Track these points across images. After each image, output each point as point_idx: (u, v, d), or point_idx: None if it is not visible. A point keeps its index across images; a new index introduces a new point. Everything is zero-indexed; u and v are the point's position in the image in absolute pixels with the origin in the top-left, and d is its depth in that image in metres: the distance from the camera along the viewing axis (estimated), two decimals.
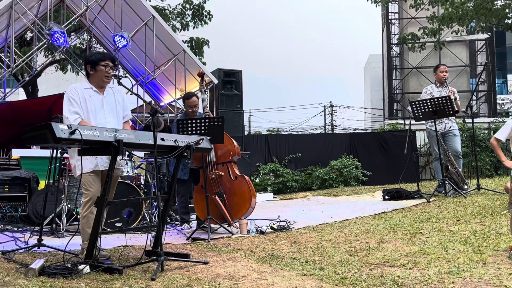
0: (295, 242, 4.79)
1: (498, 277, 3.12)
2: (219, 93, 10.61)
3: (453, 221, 5.16)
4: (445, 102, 6.96)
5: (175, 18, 16.70)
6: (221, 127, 5.62)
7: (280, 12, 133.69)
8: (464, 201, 6.38)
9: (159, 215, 4.04)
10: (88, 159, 4.09)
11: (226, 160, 5.95)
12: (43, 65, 15.03)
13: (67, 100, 4.16)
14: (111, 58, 4.39)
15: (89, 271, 3.60)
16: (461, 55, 23.91)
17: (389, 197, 7.70)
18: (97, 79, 4.30)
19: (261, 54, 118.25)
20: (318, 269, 3.61)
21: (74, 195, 6.13)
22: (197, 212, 5.94)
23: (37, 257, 4.19)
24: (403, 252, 3.98)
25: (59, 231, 5.84)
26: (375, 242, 4.48)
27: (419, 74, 23.34)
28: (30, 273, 3.49)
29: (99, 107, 4.27)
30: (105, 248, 4.57)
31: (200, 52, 16.09)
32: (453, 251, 3.88)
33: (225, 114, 9.52)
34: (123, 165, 6.17)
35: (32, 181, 7.00)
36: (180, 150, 4.07)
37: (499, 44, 28.04)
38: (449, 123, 7.52)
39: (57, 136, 3.34)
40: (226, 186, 5.87)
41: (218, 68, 10.88)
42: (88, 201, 4.10)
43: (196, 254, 4.44)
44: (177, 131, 5.57)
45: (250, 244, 4.85)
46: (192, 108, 6.29)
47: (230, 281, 3.35)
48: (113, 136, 3.66)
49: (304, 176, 13.99)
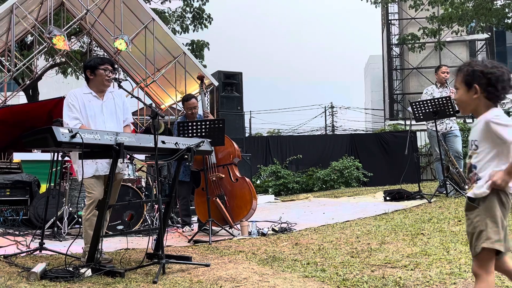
0: (296, 244, 4.79)
1: (500, 277, 3.12)
2: (220, 95, 10.61)
3: (454, 222, 5.16)
4: (445, 103, 6.96)
5: (175, 21, 16.73)
6: (221, 129, 5.63)
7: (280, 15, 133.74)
8: (465, 202, 6.37)
9: (160, 217, 4.04)
10: (88, 164, 4.10)
11: (226, 162, 5.96)
12: (44, 69, 15.04)
13: (67, 106, 4.18)
14: (110, 62, 4.40)
15: (90, 275, 3.61)
16: (461, 55, 23.93)
17: (390, 198, 7.69)
18: (97, 84, 4.30)
19: (261, 56, 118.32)
20: (319, 270, 3.61)
21: (75, 198, 6.13)
22: (198, 214, 5.94)
23: (38, 261, 4.20)
24: (405, 253, 3.98)
25: (60, 234, 5.84)
26: (376, 243, 4.48)
27: (419, 74, 23.35)
28: (32, 277, 3.49)
29: (98, 112, 4.27)
30: (107, 251, 4.57)
31: (201, 55, 16.12)
32: (455, 252, 3.87)
33: (226, 116, 9.51)
34: (124, 169, 6.18)
35: (33, 184, 7.00)
36: (181, 153, 4.07)
37: (499, 43, 28.06)
38: (450, 123, 7.52)
39: (58, 140, 3.34)
40: (227, 188, 5.87)
41: (219, 70, 10.88)
42: (91, 204, 4.10)
43: (197, 257, 4.44)
44: (177, 133, 5.58)
45: (251, 246, 4.85)
46: (192, 110, 6.30)
47: (231, 284, 3.35)
48: (114, 139, 3.66)
49: (305, 177, 13.99)
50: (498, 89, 2.26)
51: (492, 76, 2.26)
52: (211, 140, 4.66)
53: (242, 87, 10.94)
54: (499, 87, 2.26)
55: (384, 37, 26.68)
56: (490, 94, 2.27)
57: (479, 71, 2.28)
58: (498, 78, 2.25)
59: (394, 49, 25.60)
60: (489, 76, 2.26)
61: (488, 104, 2.29)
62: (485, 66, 2.29)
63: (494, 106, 2.29)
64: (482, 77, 2.27)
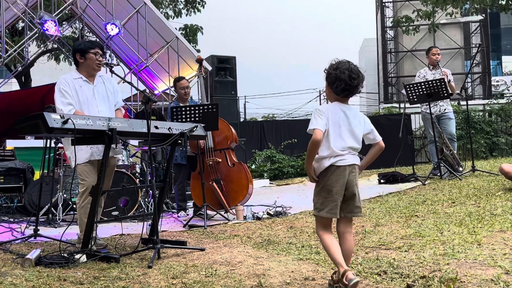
0: (291, 227, 4.80)
1: (493, 257, 3.15)
2: (213, 79, 10.57)
3: (448, 203, 5.19)
4: (439, 85, 6.94)
5: (168, 5, 16.56)
6: (215, 114, 5.61)
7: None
8: (459, 183, 6.41)
9: (154, 203, 4.04)
10: (83, 150, 4.07)
11: (224, 146, 5.95)
12: (36, 55, 14.91)
13: (59, 91, 4.12)
14: (100, 46, 4.38)
15: (85, 260, 3.61)
16: (455, 37, 23.84)
17: (385, 181, 7.72)
18: (88, 68, 4.26)
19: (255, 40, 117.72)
20: (314, 253, 3.63)
21: (69, 185, 6.11)
22: (194, 198, 5.95)
23: (33, 247, 4.20)
24: (399, 235, 4.00)
25: (55, 221, 5.85)
26: (370, 225, 4.50)
27: (413, 57, 23.26)
28: (26, 263, 3.49)
29: (90, 97, 4.24)
30: (102, 237, 4.58)
31: (194, 39, 15.99)
32: (448, 233, 3.90)
33: (220, 101, 9.48)
34: (120, 153, 6.16)
35: (27, 171, 6.98)
36: (174, 138, 4.06)
37: (493, 25, 27.97)
38: (444, 105, 7.51)
39: (49, 126, 3.32)
40: (223, 173, 5.87)
41: (212, 55, 10.82)
42: (85, 192, 4.09)
43: (192, 241, 4.45)
44: (171, 118, 5.56)
45: (246, 230, 4.86)
46: (185, 90, 6.28)
47: (226, 267, 3.36)
48: (106, 125, 3.64)
49: (300, 161, 13.97)
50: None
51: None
52: (204, 125, 4.65)
53: (236, 72, 10.90)
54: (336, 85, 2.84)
55: (378, 20, 26.54)
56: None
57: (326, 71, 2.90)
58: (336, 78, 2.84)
59: (388, 32, 25.45)
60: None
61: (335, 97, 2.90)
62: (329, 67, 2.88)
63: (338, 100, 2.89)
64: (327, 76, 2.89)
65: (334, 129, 2.82)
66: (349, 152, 2.87)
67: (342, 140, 2.84)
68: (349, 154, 2.87)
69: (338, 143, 2.83)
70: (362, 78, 2.84)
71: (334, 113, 2.84)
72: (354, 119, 2.87)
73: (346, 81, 2.80)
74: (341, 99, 2.89)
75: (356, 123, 2.88)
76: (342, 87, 2.82)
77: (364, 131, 2.92)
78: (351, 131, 2.86)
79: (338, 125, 2.84)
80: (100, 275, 3.25)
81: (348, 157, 2.86)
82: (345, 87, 2.82)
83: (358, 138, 2.89)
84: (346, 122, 2.85)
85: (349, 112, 2.88)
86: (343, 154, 2.84)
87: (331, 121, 2.82)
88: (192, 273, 3.24)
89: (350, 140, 2.86)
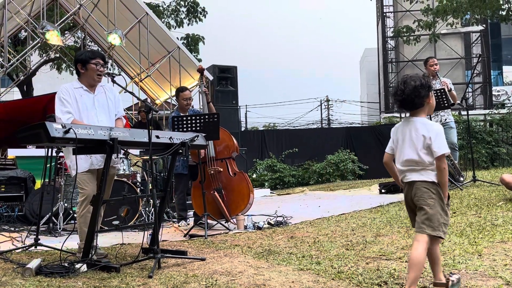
0: (292, 237, 4.80)
1: (493, 268, 3.14)
2: (214, 89, 10.60)
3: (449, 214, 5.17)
4: (440, 95, 6.96)
5: (170, 15, 16.66)
6: (216, 123, 5.63)
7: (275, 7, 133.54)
8: (460, 193, 6.40)
9: (155, 212, 4.04)
10: (82, 159, 4.08)
11: (225, 156, 5.96)
12: (38, 64, 14.98)
13: (59, 100, 4.15)
14: (102, 56, 4.38)
15: (86, 270, 3.60)
16: (456, 47, 23.92)
17: (386, 191, 7.72)
18: (88, 78, 4.28)
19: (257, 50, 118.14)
20: (314, 263, 3.62)
21: (70, 194, 6.12)
22: (195, 207, 5.95)
23: (34, 257, 4.19)
24: (399, 245, 3.99)
25: (56, 230, 5.84)
26: (371, 235, 4.50)
27: (414, 67, 23.32)
28: (27, 273, 3.48)
29: (90, 106, 4.25)
30: (102, 247, 4.57)
31: (196, 49, 16.07)
32: (449, 243, 3.89)
33: (221, 110, 9.50)
34: (118, 163, 6.17)
35: (28, 180, 6.99)
36: (175, 148, 4.07)
37: (494, 35, 28.06)
38: (444, 115, 7.52)
39: (51, 136, 3.33)
40: (224, 182, 5.88)
41: (213, 65, 10.86)
42: (84, 200, 4.09)
43: (193, 251, 4.45)
44: (172, 128, 5.57)
45: (247, 240, 4.86)
46: (187, 101, 6.30)
47: (227, 277, 3.36)
48: (107, 134, 3.65)
49: (301, 171, 14.00)
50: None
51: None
52: (205, 135, 4.66)
53: (237, 81, 10.93)
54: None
55: (379, 30, 26.66)
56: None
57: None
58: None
59: (389, 41, 25.56)
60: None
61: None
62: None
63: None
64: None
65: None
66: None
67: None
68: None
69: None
70: (408, 90, 2.90)
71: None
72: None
73: (394, 97, 3.04)
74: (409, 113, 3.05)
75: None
76: (394, 102, 3.11)
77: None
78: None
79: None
80: (100, 284, 3.25)
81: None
82: (395, 102, 3.06)
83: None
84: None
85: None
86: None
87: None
88: (192, 283, 3.23)
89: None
